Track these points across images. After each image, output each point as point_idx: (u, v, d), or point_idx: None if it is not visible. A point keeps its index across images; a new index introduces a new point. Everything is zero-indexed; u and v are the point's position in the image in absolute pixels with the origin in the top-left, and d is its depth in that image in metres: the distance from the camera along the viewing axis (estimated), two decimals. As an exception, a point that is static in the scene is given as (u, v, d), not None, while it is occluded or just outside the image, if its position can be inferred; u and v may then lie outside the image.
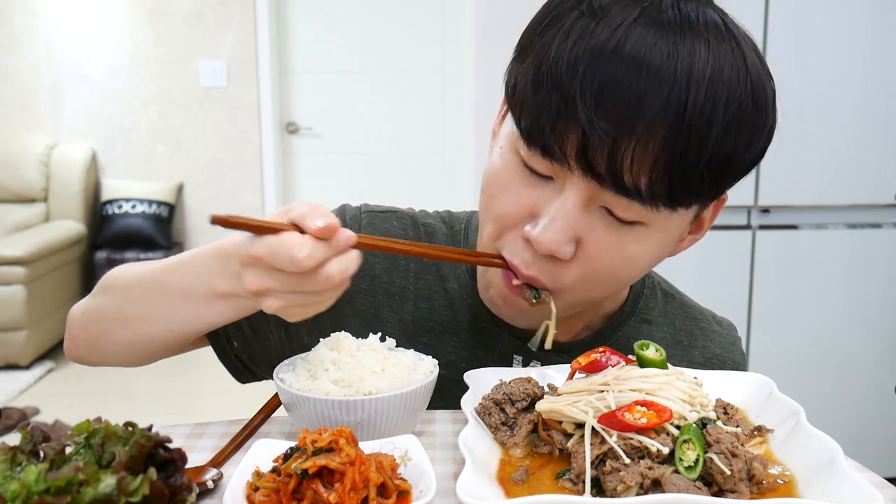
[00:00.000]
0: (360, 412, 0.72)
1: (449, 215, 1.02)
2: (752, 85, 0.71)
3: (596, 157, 0.69)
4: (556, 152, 0.71)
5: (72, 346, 0.95)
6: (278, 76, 4.72)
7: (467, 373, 0.82)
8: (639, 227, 0.75)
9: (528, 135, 0.73)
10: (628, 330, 0.97)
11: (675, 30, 0.69)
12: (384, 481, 0.61)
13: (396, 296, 0.94)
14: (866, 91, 2.64)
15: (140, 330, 0.85)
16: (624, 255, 0.76)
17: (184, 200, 4.85)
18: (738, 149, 0.71)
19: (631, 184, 0.70)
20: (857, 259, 2.75)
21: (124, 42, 4.67)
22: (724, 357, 1.01)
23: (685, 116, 0.67)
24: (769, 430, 0.73)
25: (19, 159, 4.54)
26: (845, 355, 2.81)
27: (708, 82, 0.67)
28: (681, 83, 0.67)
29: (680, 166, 0.69)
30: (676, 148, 0.68)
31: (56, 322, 4.32)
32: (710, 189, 0.74)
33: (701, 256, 2.68)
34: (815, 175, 2.68)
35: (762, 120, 0.73)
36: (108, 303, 0.89)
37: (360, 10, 4.64)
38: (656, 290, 1.01)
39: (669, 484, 0.61)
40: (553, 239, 0.74)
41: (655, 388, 0.68)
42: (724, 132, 0.69)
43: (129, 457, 0.57)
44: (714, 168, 0.70)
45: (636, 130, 0.67)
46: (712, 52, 0.69)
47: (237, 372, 0.97)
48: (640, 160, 0.69)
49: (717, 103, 0.68)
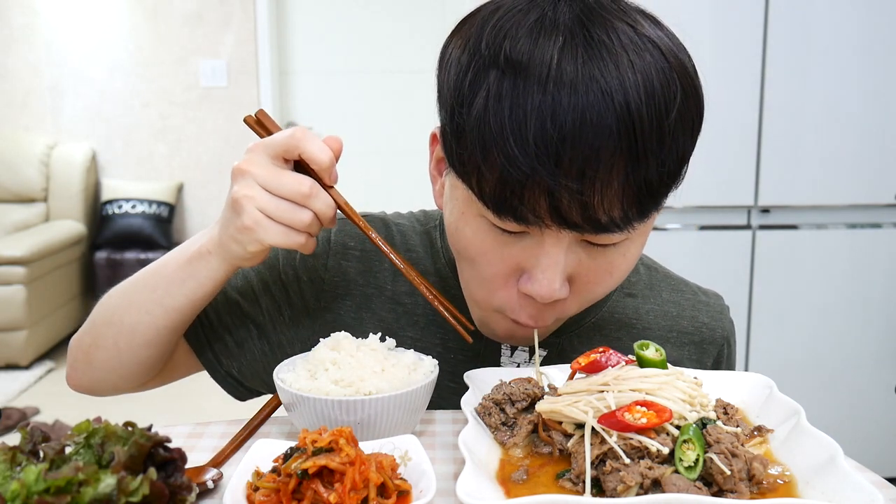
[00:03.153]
0: (360, 412, 0.72)
1: (423, 214, 1.02)
2: (679, 77, 0.71)
3: (569, 211, 0.69)
4: (529, 218, 0.71)
5: (71, 370, 0.96)
6: (278, 76, 4.72)
7: (467, 373, 0.82)
8: (620, 244, 0.77)
9: (495, 207, 0.71)
10: (613, 304, 0.98)
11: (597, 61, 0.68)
12: (384, 481, 0.61)
13: (373, 297, 0.95)
14: (866, 91, 2.64)
15: (123, 321, 0.88)
16: (613, 272, 0.78)
17: (184, 200, 4.85)
18: (686, 141, 0.73)
19: (607, 221, 0.71)
20: (857, 259, 2.75)
21: (124, 42, 4.67)
22: (714, 326, 1.01)
23: (638, 142, 0.68)
24: (769, 430, 0.73)
25: (19, 159, 4.54)
26: (845, 355, 2.81)
27: (646, 99, 0.68)
28: (623, 115, 0.67)
29: (646, 186, 0.70)
30: (639, 172, 0.69)
31: (56, 322, 4.32)
32: (675, 185, 0.76)
33: (701, 256, 2.69)
34: (815, 175, 2.68)
35: (697, 103, 0.74)
36: (99, 309, 0.92)
37: (360, 10, 4.64)
38: (638, 264, 1.02)
39: (669, 484, 0.61)
40: (552, 289, 0.74)
41: (655, 388, 0.68)
42: (674, 136, 0.70)
43: (129, 456, 0.57)
44: (674, 169, 0.72)
45: (599, 174, 0.68)
46: (636, 68, 0.68)
47: (232, 389, 0.99)
48: (609, 198, 0.70)
49: (661, 113, 0.68)
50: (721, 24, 2.59)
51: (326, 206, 0.77)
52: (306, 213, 0.76)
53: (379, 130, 4.77)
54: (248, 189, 0.75)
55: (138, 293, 0.88)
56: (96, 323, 0.91)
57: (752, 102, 2.63)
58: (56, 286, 4.36)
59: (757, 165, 2.66)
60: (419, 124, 4.64)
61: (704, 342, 1.00)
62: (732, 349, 1.05)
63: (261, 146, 0.77)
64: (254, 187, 0.75)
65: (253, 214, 0.75)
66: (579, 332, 0.95)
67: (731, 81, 2.61)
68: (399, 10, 4.63)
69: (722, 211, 2.71)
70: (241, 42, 4.64)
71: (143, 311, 0.87)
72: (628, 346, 0.95)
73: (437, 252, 0.97)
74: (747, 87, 2.62)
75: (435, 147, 0.85)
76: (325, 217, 0.78)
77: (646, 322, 0.98)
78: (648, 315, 0.99)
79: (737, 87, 2.62)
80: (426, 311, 0.95)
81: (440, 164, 0.85)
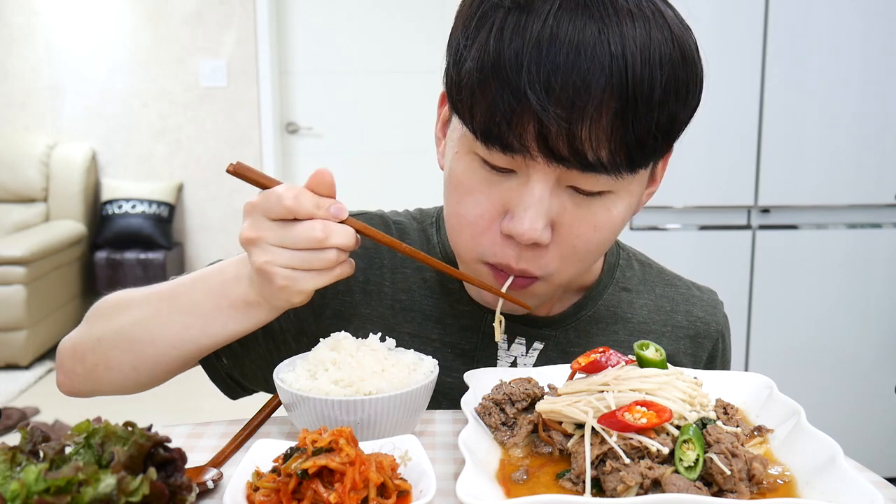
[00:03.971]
0: (360, 412, 0.72)
1: (419, 212, 1.04)
2: (678, 43, 0.75)
3: (556, 142, 0.72)
4: (516, 146, 0.74)
5: (66, 380, 0.94)
6: (278, 76, 4.72)
7: (467, 373, 0.83)
8: (606, 196, 0.78)
9: (484, 135, 0.75)
10: (608, 298, 0.99)
11: (600, 11, 0.72)
12: (384, 481, 0.61)
13: (373, 293, 0.97)
14: (866, 91, 2.64)
15: (146, 352, 0.86)
16: (597, 226, 0.80)
17: (184, 200, 4.85)
18: (679, 104, 0.75)
19: (594, 159, 0.73)
20: (857, 259, 2.75)
21: (124, 42, 4.67)
22: (708, 320, 1.03)
23: (629, 86, 0.71)
24: (769, 430, 0.73)
25: (19, 159, 4.54)
26: (845, 355, 2.81)
27: (640, 49, 0.71)
28: (617, 57, 0.71)
29: (634, 132, 0.73)
30: (627, 116, 0.72)
31: (56, 322, 4.32)
32: (663, 146, 0.78)
33: (701, 256, 2.69)
34: (815, 175, 2.68)
35: (694, 72, 0.77)
36: (108, 329, 0.89)
37: (360, 10, 4.64)
38: (632, 260, 1.04)
39: (669, 484, 0.61)
40: (533, 227, 0.76)
41: (655, 388, 0.68)
42: (665, 92, 0.73)
43: (129, 456, 0.57)
44: (663, 126, 0.75)
45: (588, 109, 0.71)
46: (636, 23, 0.72)
47: (228, 389, 0.99)
48: (597, 136, 0.72)
49: (654, 67, 0.72)
50: (721, 24, 2.59)
51: (346, 238, 0.76)
52: (329, 252, 0.75)
53: (379, 130, 4.76)
54: (266, 255, 0.75)
55: (163, 326, 0.86)
56: (105, 345, 0.89)
57: (752, 102, 2.63)
58: (56, 286, 4.36)
59: (757, 165, 2.66)
60: (419, 124, 4.64)
61: (699, 336, 1.01)
62: (727, 343, 1.06)
63: (258, 210, 0.76)
64: (269, 251, 0.75)
65: (282, 274, 0.75)
66: (576, 325, 0.97)
67: (731, 81, 2.61)
68: (399, 10, 4.63)
69: (722, 211, 2.71)
70: (241, 42, 4.64)
71: (169, 345, 0.86)
72: (624, 340, 0.97)
73: (433, 247, 0.99)
74: (747, 87, 2.62)
75: (442, 108, 0.89)
76: (347, 247, 0.76)
77: (641, 316, 1.00)
78: (643, 309, 1.00)
79: (737, 87, 2.62)
80: (422, 308, 0.96)
81: (445, 125, 0.88)
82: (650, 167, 0.82)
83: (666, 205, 2.67)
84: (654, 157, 0.79)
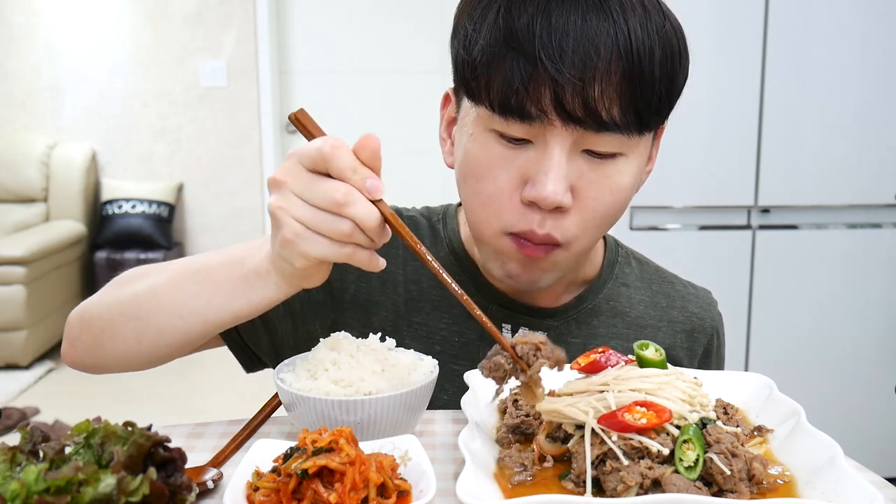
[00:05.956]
0: (360, 412, 0.72)
1: (427, 209, 1.07)
2: (669, 20, 0.82)
3: (572, 103, 0.77)
4: (534, 112, 0.78)
5: (70, 348, 0.93)
6: (278, 76, 4.72)
7: (467, 373, 0.83)
8: (619, 159, 0.83)
9: (502, 107, 0.79)
10: (608, 292, 1.03)
11: None
12: (384, 481, 0.61)
13: (389, 281, 0.99)
14: (866, 91, 2.64)
15: (151, 321, 0.84)
16: (613, 188, 0.84)
17: (184, 200, 4.85)
18: (675, 70, 0.82)
19: (608, 118, 0.78)
20: (857, 259, 2.75)
21: (124, 42, 4.67)
22: (703, 316, 1.06)
23: (633, 49, 0.77)
24: (769, 430, 0.73)
25: (19, 159, 4.54)
26: (845, 355, 2.81)
27: (639, 19, 0.78)
28: (619, 22, 0.77)
29: (640, 91, 0.79)
30: (634, 76, 0.78)
31: (56, 322, 4.32)
32: (665, 108, 0.84)
33: (701, 256, 2.69)
34: (815, 175, 2.68)
35: (684, 43, 0.84)
36: (120, 295, 0.88)
37: (360, 10, 4.64)
38: (630, 258, 1.08)
39: (669, 484, 0.61)
40: (555, 190, 0.79)
41: (655, 388, 0.68)
42: (664, 55, 0.80)
43: (129, 456, 0.57)
44: (665, 87, 0.81)
45: (599, 70, 0.77)
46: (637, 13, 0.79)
47: (246, 358, 0.97)
48: (608, 95, 0.78)
49: (652, 33, 0.79)
50: (721, 24, 2.59)
51: (366, 215, 0.69)
52: (345, 222, 0.69)
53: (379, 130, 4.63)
54: (283, 200, 0.71)
55: (172, 295, 0.83)
56: (113, 311, 0.87)
57: (752, 102, 2.63)
58: (56, 286, 4.36)
59: (757, 165, 2.66)
60: (419, 124, 4.63)
61: (695, 331, 1.05)
62: (722, 340, 1.09)
63: (296, 155, 0.72)
64: (289, 197, 0.71)
65: (292, 226, 0.70)
66: (577, 317, 1.00)
67: (731, 81, 2.61)
68: (399, 10, 4.63)
69: (722, 211, 2.71)
70: (241, 42, 4.64)
71: (175, 315, 0.83)
72: (622, 333, 1.01)
73: (440, 241, 1.02)
74: (747, 87, 2.62)
75: (446, 109, 0.93)
76: (366, 226, 0.70)
77: (638, 311, 1.03)
78: (640, 304, 1.04)
79: (737, 87, 2.62)
80: (431, 298, 0.98)
81: (450, 126, 0.92)
82: (653, 135, 0.88)
83: (666, 205, 2.67)
84: (658, 118, 0.84)
